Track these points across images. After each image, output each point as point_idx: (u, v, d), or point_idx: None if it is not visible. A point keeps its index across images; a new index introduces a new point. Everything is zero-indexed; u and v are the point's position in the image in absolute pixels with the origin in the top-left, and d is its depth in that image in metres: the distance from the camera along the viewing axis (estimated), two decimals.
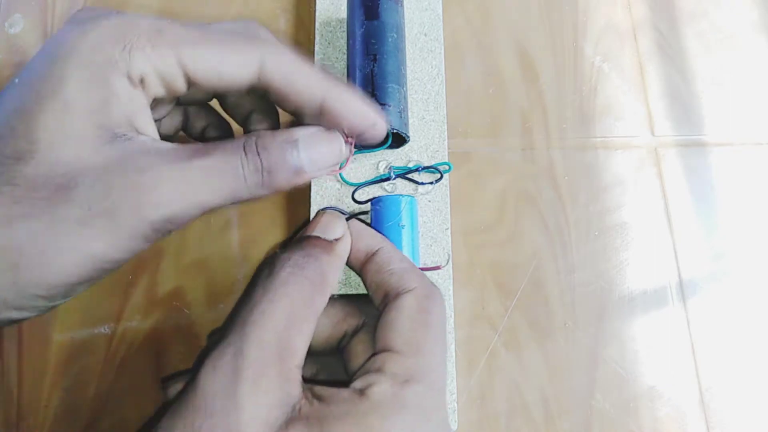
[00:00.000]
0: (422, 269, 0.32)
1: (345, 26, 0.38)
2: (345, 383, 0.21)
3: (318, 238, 0.25)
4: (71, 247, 0.21)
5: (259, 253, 0.35)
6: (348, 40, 0.36)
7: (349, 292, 0.31)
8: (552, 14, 0.42)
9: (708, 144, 0.39)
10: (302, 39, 0.40)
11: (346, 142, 0.26)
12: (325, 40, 0.38)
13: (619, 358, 0.34)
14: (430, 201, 0.35)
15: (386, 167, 0.35)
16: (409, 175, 0.35)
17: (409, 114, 0.36)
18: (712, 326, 0.35)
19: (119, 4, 0.41)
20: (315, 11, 0.38)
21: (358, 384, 0.21)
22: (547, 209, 0.37)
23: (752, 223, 0.37)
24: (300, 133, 0.25)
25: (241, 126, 0.29)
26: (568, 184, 0.38)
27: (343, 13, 0.38)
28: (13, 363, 0.33)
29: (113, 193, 0.21)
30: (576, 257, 0.36)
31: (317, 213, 0.28)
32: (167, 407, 0.20)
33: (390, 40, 0.34)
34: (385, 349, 0.22)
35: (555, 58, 0.41)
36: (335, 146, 0.26)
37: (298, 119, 0.26)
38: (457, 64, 0.40)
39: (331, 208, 0.32)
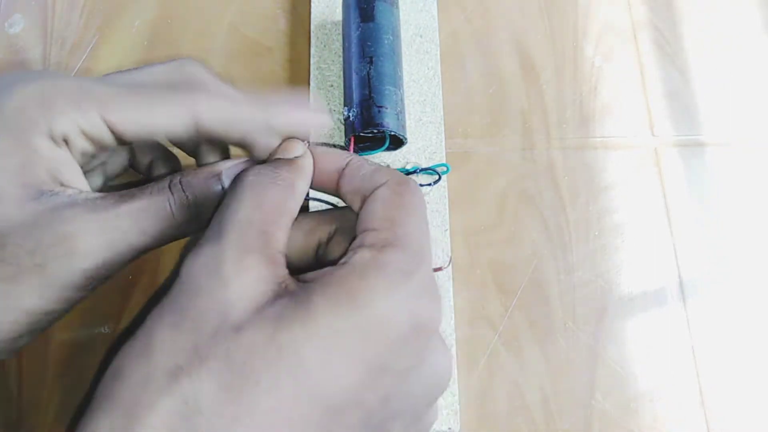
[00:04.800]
0: None
1: (340, 29, 0.38)
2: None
3: (277, 158, 0.25)
4: (4, 306, 0.22)
5: None
6: (343, 42, 0.36)
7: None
8: (552, 14, 0.42)
9: (708, 144, 0.39)
10: (301, 39, 0.40)
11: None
12: (321, 42, 0.38)
13: (619, 358, 0.34)
14: (428, 203, 0.35)
15: None
16: None
17: (407, 116, 0.36)
18: (712, 326, 0.35)
19: (118, 5, 0.41)
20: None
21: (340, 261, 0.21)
22: (547, 209, 0.37)
23: (752, 223, 0.37)
24: (224, 165, 0.26)
25: (192, 157, 0.29)
26: (568, 184, 0.38)
27: (339, 16, 0.38)
28: (13, 363, 0.33)
29: (41, 247, 0.22)
30: (576, 257, 0.36)
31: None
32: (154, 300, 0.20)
33: (386, 42, 0.34)
34: (362, 231, 0.22)
35: (555, 58, 0.41)
36: None
37: (248, 149, 0.27)
38: (456, 64, 0.40)
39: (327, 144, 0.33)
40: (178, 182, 0.25)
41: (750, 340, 0.35)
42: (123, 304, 0.34)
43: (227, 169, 0.26)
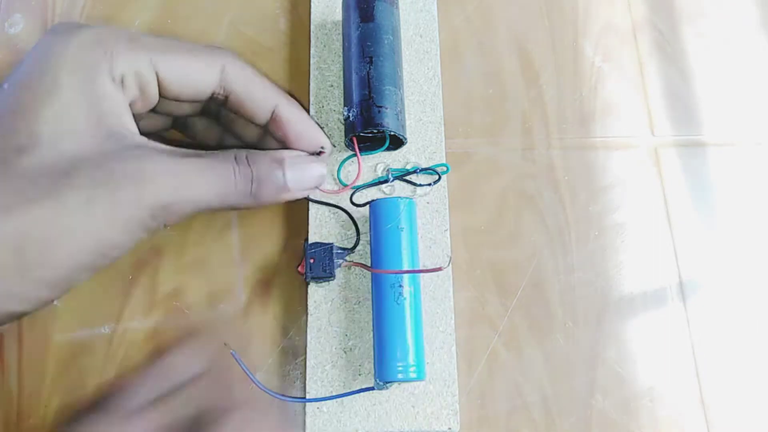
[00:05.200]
0: (423, 271, 0.32)
1: (340, 29, 0.38)
2: None
3: None
4: (75, 229, 0.22)
5: (259, 253, 0.35)
6: (343, 42, 0.36)
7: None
8: (552, 14, 0.42)
9: (708, 144, 0.39)
10: (301, 39, 0.40)
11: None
12: (321, 42, 0.38)
13: (619, 358, 0.34)
14: (428, 203, 0.35)
15: (384, 169, 0.35)
16: (407, 177, 0.35)
17: (406, 116, 0.36)
18: (712, 326, 0.35)
19: (118, 5, 0.41)
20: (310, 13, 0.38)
21: None
22: (547, 209, 0.37)
23: (752, 223, 0.37)
24: (286, 153, 0.28)
25: None
26: (568, 184, 0.38)
27: (339, 16, 0.38)
28: (13, 363, 0.33)
29: (113, 178, 0.22)
30: (576, 257, 0.36)
31: None
32: None
33: (386, 42, 0.34)
34: None
35: (555, 58, 0.41)
36: (316, 170, 0.30)
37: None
38: (456, 64, 0.40)
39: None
40: (245, 157, 0.26)
41: (750, 340, 0.35)
42: (123, 304, 0.34)
43: (289, 158, 0.28)
